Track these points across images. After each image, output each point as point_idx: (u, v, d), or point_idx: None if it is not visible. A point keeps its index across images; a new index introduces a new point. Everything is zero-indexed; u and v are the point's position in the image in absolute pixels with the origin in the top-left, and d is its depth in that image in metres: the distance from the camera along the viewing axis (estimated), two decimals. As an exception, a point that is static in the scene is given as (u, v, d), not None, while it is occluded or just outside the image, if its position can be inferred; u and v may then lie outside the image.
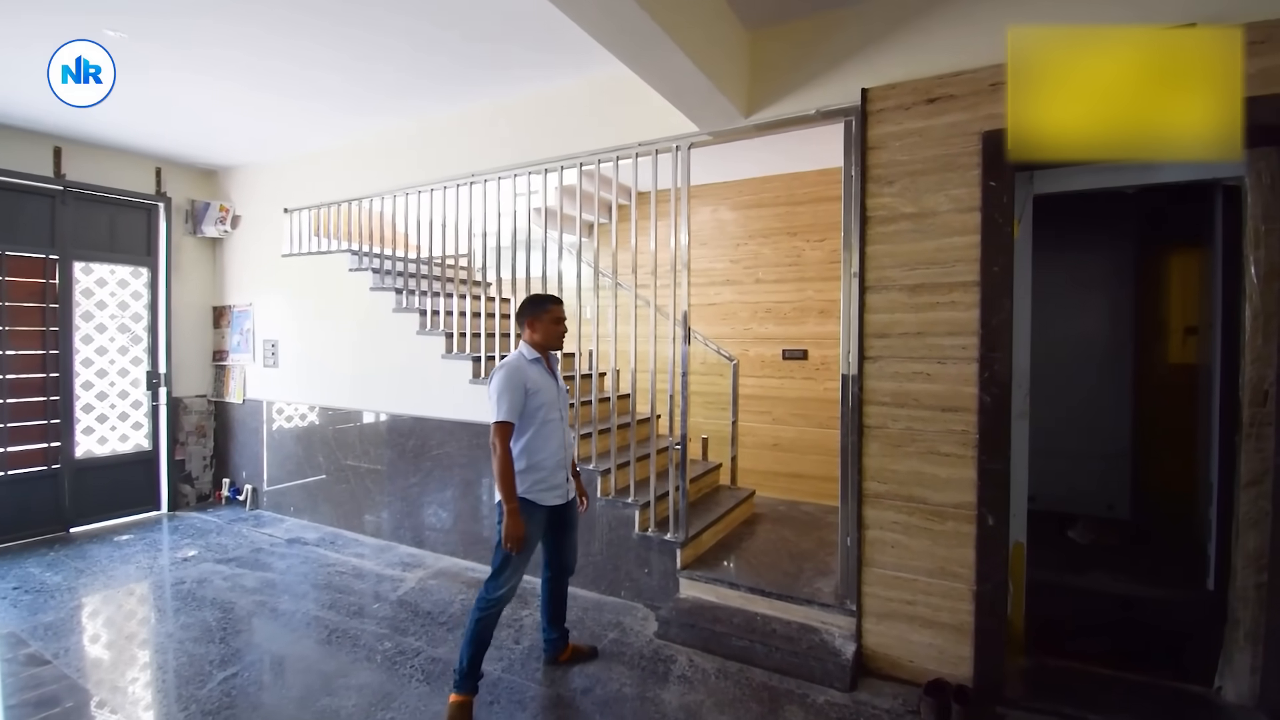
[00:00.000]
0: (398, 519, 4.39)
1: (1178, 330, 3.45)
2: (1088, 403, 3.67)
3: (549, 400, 2.47)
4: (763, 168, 4.53)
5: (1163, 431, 3.47)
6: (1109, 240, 3.63)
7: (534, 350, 2.53)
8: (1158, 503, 3.48)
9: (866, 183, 2.64)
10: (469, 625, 2.40)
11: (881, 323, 2.64)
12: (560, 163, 3.51)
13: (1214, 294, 2.56)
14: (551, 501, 2.49)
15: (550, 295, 2.63)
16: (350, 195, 4.57)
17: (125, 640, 3.09)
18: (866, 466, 2.69)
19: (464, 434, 3.96)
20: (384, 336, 4.35)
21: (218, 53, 3.27)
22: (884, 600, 2.68)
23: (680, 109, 2.83)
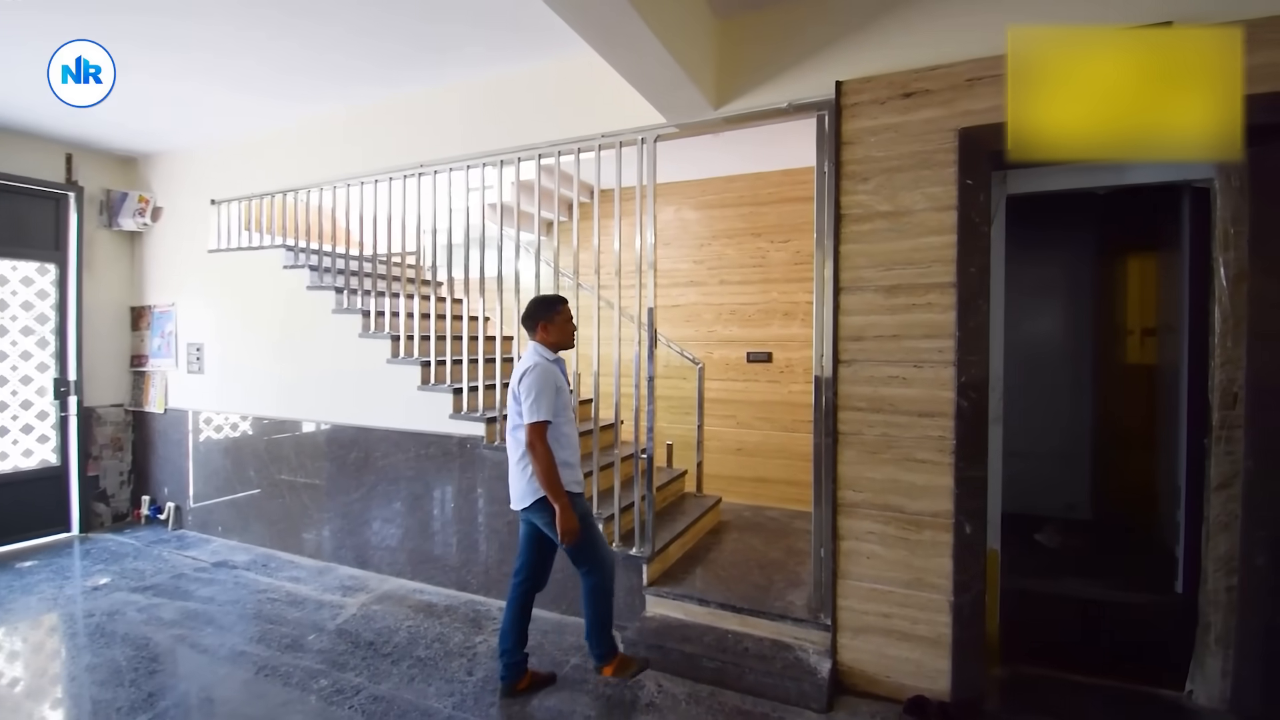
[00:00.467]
0: (338, 538, 4.06)
1: (1136, 332, 3.50)
2: (1047, 403, 3.68)
3: (567, 402, 2.55)
4: (727, 167, 4.42)
5: (1122, 432, 3.50)
6: (1067, 242, 3.66)
7: (551, 351, 2.55)
8: (1118, 503, 3.51)
9: (841, 179, 2.54)
10: (591, 601, 2.50)
11: (857, 325, 2.54)
12: (517, 154, 3.29)
13: (1180, 296, 2.56)
14: (580, 489, 2.56)
15: (557, 296, 2.64)
16: (286, 186, 4.23)
17: (15, 687, 2.70)
18: (841, 474, 2.58)
19: (411, 444, 3.69)
20: (322, 340, 4.02)
21: (135, 22, 2.91)
22: (860, 614, 2.58)
23: (647, 97, 2.66)
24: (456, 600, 3.49)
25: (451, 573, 3.59)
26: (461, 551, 3.56)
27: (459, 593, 3.57)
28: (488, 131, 3.43)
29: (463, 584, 3.56)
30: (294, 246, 4.25)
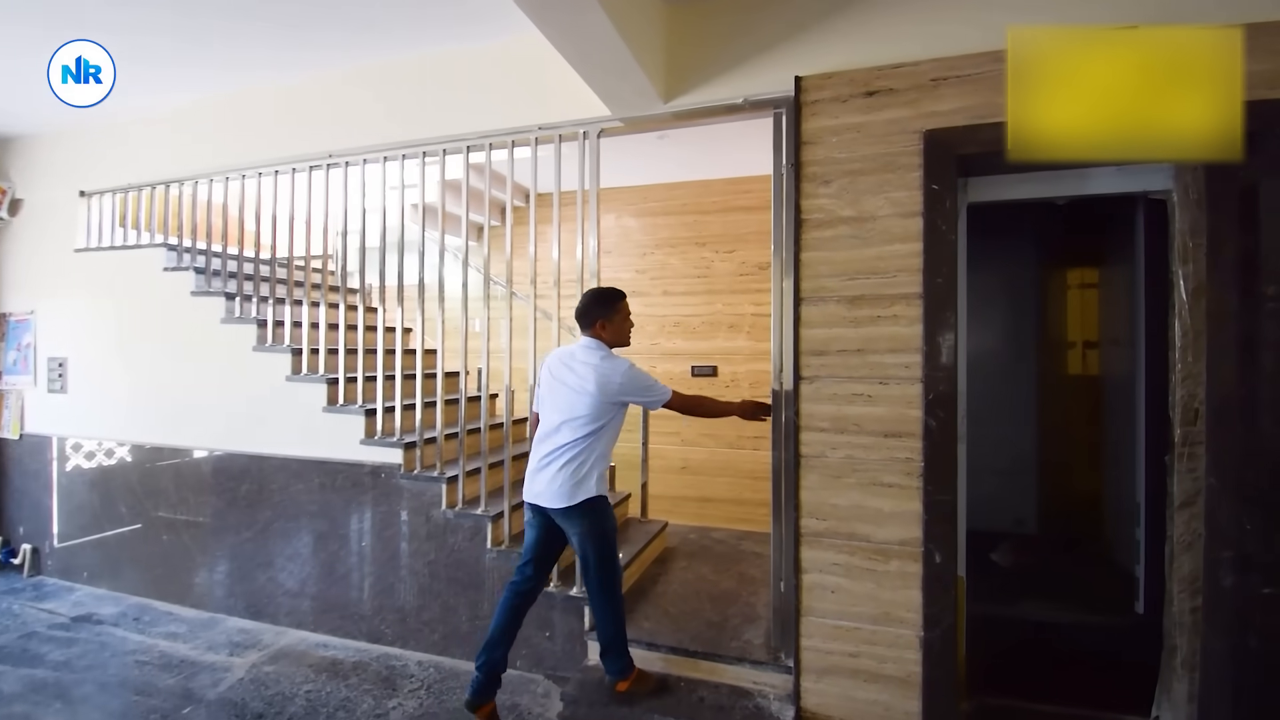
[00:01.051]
0: (227, 584, 3.50)
1: (1078, 345, 3.51)
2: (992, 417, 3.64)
3: None
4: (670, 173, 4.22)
5: (1067, 446, 3.49)
6: (1008, 253, 3.65)
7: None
8: (1065, 517, 3.49)
9: (801, 182, 2.35)
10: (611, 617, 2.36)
11: (819, 339, 2.34)
12: (443, 144, 2.94)
13: (1136, 309, 2.52)
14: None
15: (615, 290, 2.45)
16: (170, 176, 3.67)
17: None
18: (804, 500, 2.37)
19: (315, 474, 3.21)
20: (209, 354, 3.49)
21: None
22: (824, 654, 2.35)
23: (591, 84, 2.40)
24: (367, 655, 3.04)
25: (362, 622, 3.13)
26: (375, 597, 3.11)
27: (371, 645, 3.11)
28: (409, 120, 3.06)
29: (375, 635, 3.11)
30: (177, 246, 3.69)
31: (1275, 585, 2.02)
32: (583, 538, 2.30)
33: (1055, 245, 3.57)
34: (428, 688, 2.75)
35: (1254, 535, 2.08)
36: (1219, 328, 2.19)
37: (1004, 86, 2.14)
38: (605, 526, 2.32)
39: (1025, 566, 3.10)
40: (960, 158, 2.20)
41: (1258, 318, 2.10)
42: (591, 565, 2.32)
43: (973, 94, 2.17)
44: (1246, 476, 2.13)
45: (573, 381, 2.31)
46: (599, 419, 2.28)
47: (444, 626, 2.95)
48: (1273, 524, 2.03)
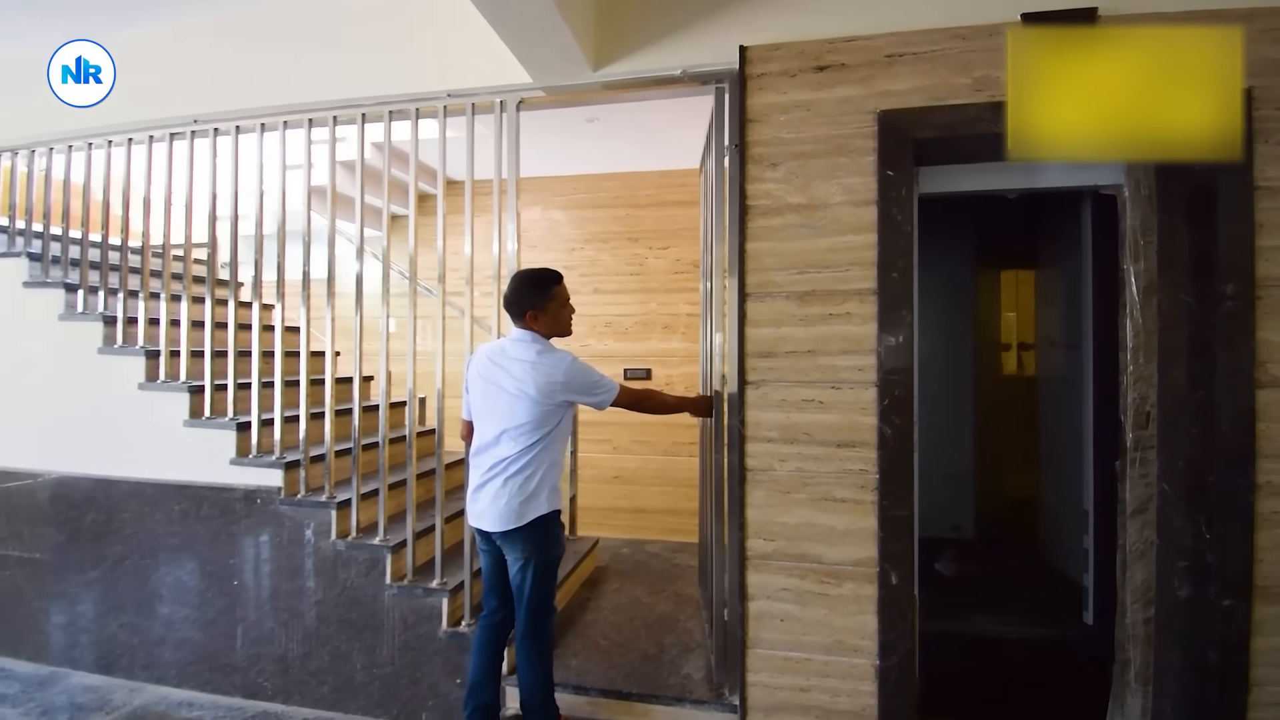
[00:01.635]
0: (70, 633, 2.90)
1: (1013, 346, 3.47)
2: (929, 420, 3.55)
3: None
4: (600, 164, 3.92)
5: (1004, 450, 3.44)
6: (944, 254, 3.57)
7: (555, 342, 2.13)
8: (1001, 522, 3.43)
9: (746, 164, 2.11)
10: (538, 663, 2.02)
11: (766, 339, 2.10)
12: (332, 110, 2.51)
13: (1084, 309, 2.44)
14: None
15: (548, 271, 2.15)
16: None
17: None
18: (750, 520, 2.12)
19: (175, 501, 2.69)
20: (46, 356, 2.89)
21: None
22: (773, 690, 2.12)
23: (511, 46, 2.07)
24: (242, 713, 2.55)
25: (235, 675, 2.64)
26: (250, 645, 2.62)
27: (247, 702, 2.62)
28: (290, 79, 2.61)
29: (252, 689, 2.62)
30: (8, 227, 3.06)
31: (1233, 595, 1.94)
32: (524, 565, 1.97)
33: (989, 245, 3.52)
34: (313, 753, 2.31)
35: (1213, 544, 2.00)
36: (1171, 327, 2.10)
37: (963, 66, 1.99)
38: (551, 554, 2.02)
39: (969, 575, 3.00)
40: (917, 142, 2.02)
41: (1213, 317, 2.02)
42: (525, 599, 1.98)
43: (929, 73, 2.00)
44: (1201, 482, 2.05)
45: (509, 384, 1.98)
46: (545, 425, 1.97)
47: (334, 677, 2.51)
48: (1229, 531, 1.95)
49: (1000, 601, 2.75)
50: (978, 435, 3.52)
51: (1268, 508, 1.91)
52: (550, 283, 2.10)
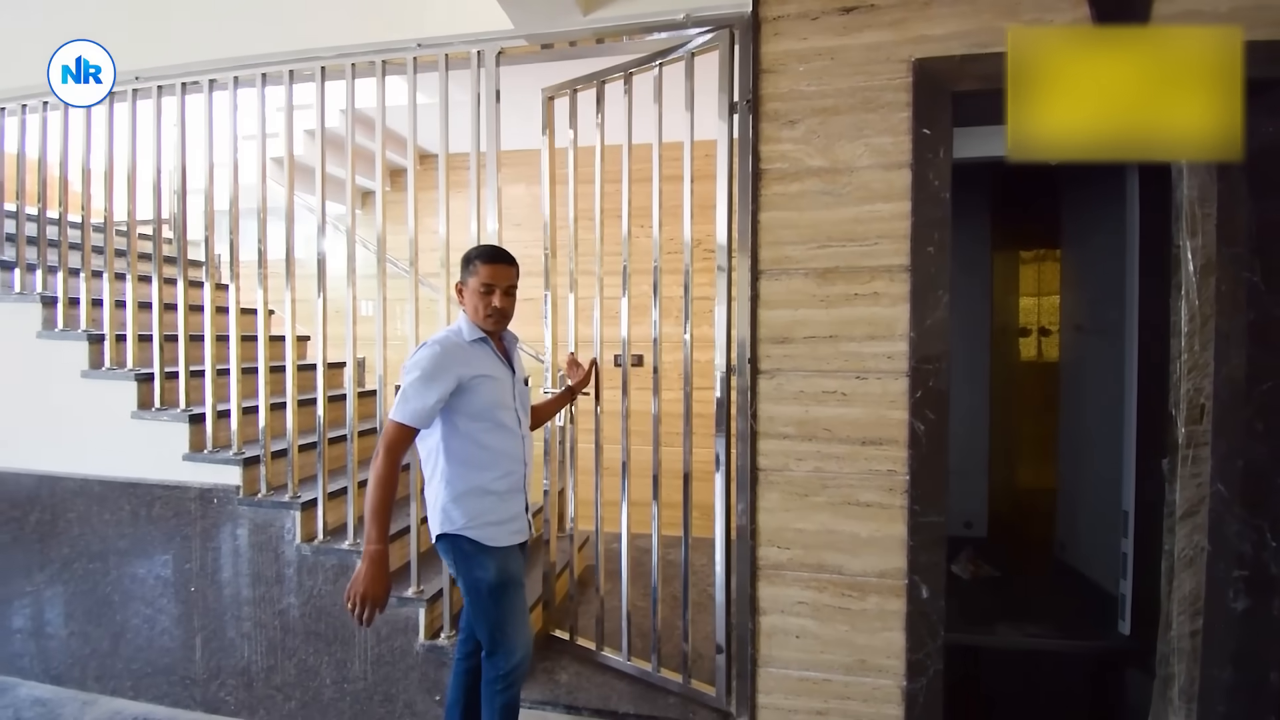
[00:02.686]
0: (15, 641, 2.67)
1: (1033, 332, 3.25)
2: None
3: (497, 398, 1.72)
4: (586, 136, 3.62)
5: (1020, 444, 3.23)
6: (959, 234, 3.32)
7: (475, 327, 1.74)
8: (1014, 519, 3.23)
9: (760, 122, 1.85)
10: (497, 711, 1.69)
11: (781, 322, 1.86)
12: (289, 63, 2.21)
13: (1129, 290, 2.20)
14: (509, 540, 1.74)
15: (490, 248, 1.79)
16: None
17: None
18: (762, 526, 1.90)
19: (124, 500, 2.44)
20: (-22, 341, 2.62)
21: None
22: (786, 712, 1.91)
23: (483, -22, 1.78)
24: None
25: (195, 688, 2.41)
26: (211, 657, 2.39)
27: (208, 716, 2.40)
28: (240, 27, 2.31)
29: (213, 704, 2.39)
30: (-65, 198, 2.76)
31: (1299, 610, 1.74)
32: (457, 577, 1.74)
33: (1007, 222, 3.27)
34: (277, 780, 2.10)
35: (1271, 551, 1.79)
36: (1231, 310, 1.88)
37: (1011, 8, 1.73)
38: (471, 576, 1.70)
39: (985, 578, 2.79)
40: (957, 96, 1.76)
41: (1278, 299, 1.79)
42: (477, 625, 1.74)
43: (972, 15, 1.74)
44: (1261, 483, 1.84)
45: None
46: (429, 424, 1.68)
47: (302, 692, 2.29)
48: (1297, 540, 1.74)
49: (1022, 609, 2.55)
50: (993, 426, 3.30)
51: (1343, 513, 1.70)
52: (473, 258, 1.75)
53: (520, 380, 1.86)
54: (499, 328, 1.76)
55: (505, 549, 1.71)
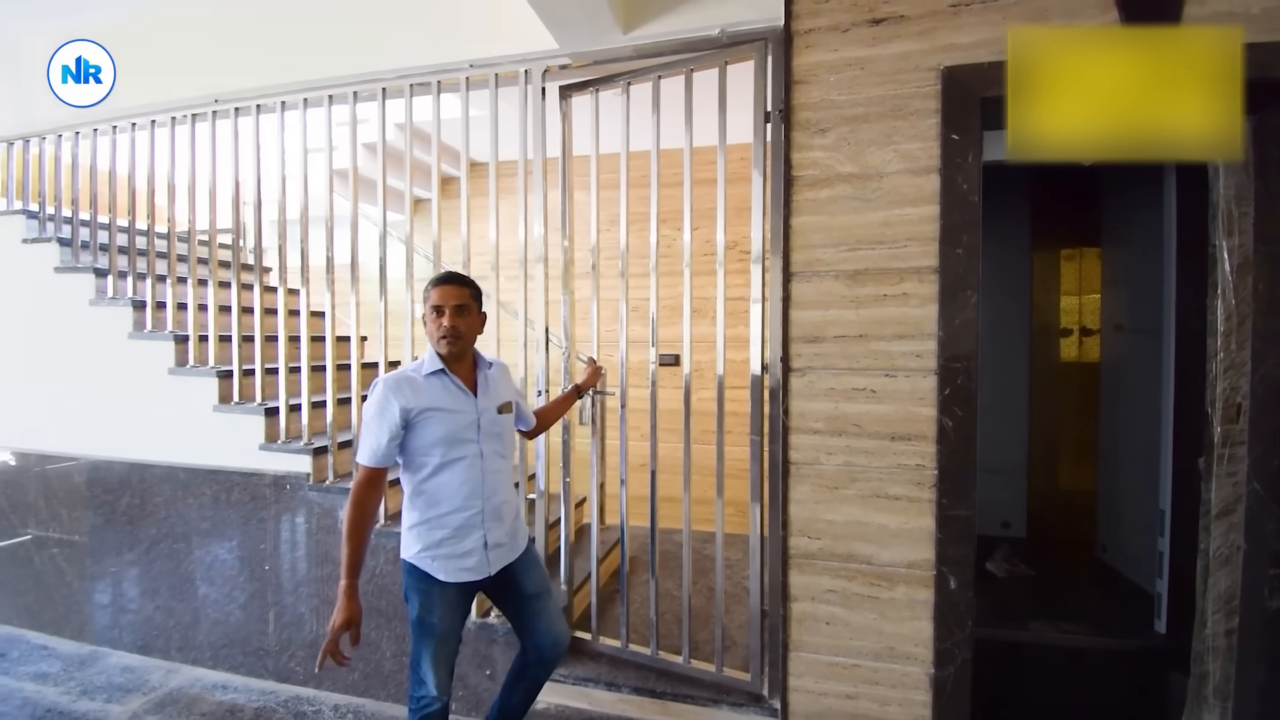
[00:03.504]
0: (109, 613, 2.95)
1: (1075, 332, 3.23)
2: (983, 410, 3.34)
3: (452, 430, 1.68)
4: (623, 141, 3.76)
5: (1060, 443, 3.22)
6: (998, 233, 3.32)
7: (437, 359, 1.72)
8: (1053, 520, 3.23)
9: (792, 131, 1.93)
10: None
11: (812, 322, 1.95)
12: (353, 85, 2.40)
13: (1165, 290, 2.21)
14: (454, 576, 1.70)
15: (442, 274, 1.77)
16: (25, 130, 3.03)
17: None
18: (793, 516, 1.98)
19: (206, 486, 2.68)
20: (78, 341, 2.90)
21: None
22: (816, 695, 1.99)
23: (535, 5, 1.91)
24: (274, 698, 2.55)
25: (268, 659, 2.63)
26: (282, 630, 2.61)
27: (279, 685, 2.62)
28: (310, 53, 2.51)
29: (284, 674, 2.61)
30: (39, 213, 3.06)
31: (1338, 609, 1.73)
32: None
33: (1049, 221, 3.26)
34: (343, 742, 2.29)
35: (1311, 551, 1.79)
36: (1269, 310, 1.88)
37: (1040, 13, 1.78)
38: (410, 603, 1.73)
39: (1021, 576, 2.81)
40: (985, 102, 1.82)
41: (1320, 298, 1.79)
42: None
43: (1000, 24, 1.79)
44: (1302, 482, 1.84)
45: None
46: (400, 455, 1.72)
47: (364, 664, 2.48)
48: (1336, 539, 1.74)
49: (1058, 607, 2.56)
50: (1032, 427, 3.30)
51: (1384, 513, 1.69)
52: (427, 285, 1.75)
53: (493, 409, 1.77)
54: (456, 349, 1.69)
55: (454, 586, 1.70)
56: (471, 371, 1.78)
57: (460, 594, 1.73)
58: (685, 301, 2.27)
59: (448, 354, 1.70)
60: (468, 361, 1.77)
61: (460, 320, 1.69)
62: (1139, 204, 2.57)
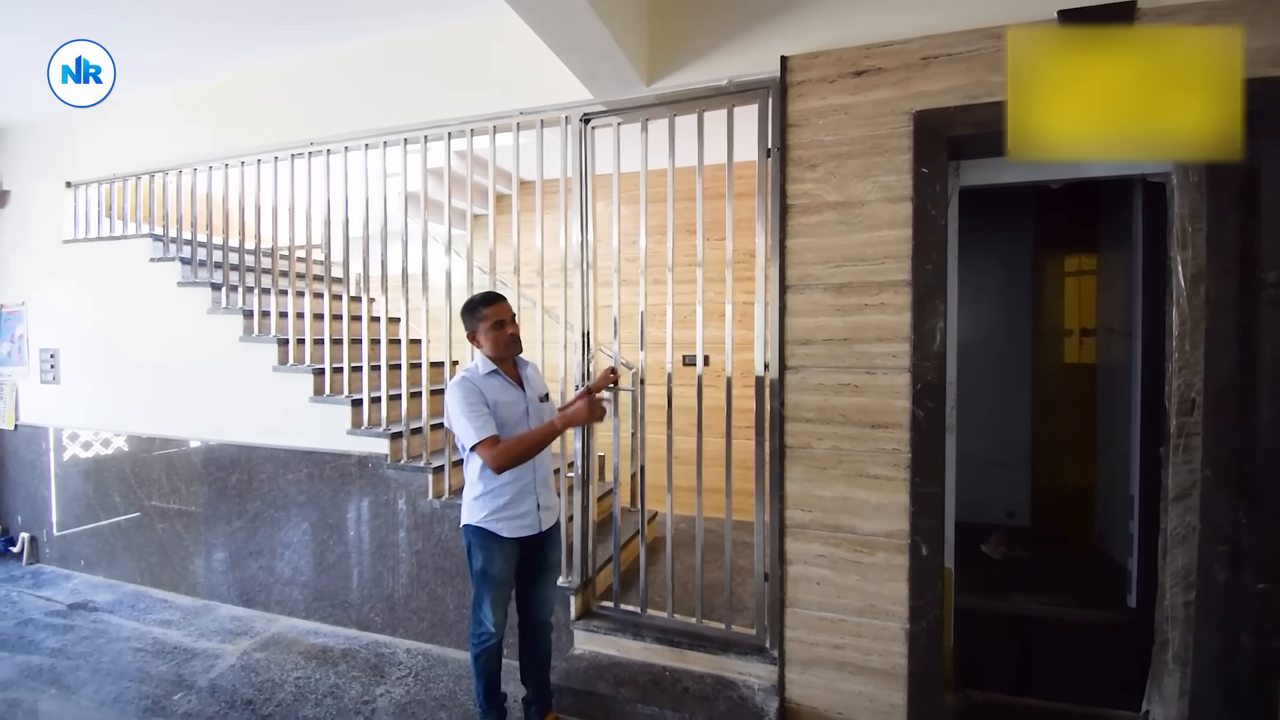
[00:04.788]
0: (219, 573, 3.51)
1: (1075, 333, 3.44)
2: (987, 406, 3.59)
3: (511, 417, 2.12)
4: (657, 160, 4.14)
5: (1060, 437, 3.44)
6: (1005, 241, 3.57)
7: (489, 362, 2.16)
8: (1057, 510, 3.44)
9: (787, 166, 2.28)
10: (471, 664, 2.22)
11: (805, 327, 2.29)
12: (423, 131, 2.88)
13: (1133, 297, 2.45)
14: (514, 533, 2.14)
15: (486, 294, 2.20)
16: (154, 166, 3.63)
17: None
18: (789, 492, 2.33)
19: (303, 465, 3.20)
20: (196, 344, 3.47)
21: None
22: (809, 645, 2.33)
23: (570, 66, 2.32)
24: (357, 642, 3.04)
25: (351, 610, 3.14)
26: (363, 586, 3.11)
27: (360, 633, 3.12)
28: (389, 107, 2.99)
29: (365, 623, 3.11)
30: (163, 236, 3.66)
31: (1271, 580, 1.97)
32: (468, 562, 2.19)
33: (1052, 230, 3.49)
34: (415, 675, 2.75)
35: (1250, 529, 2.03)
36: (1218, 316, 2.12)
37: (998, 64, 2.07)
38: (474, 562, 2.13)
39: (1016, 558, 3.06)
40: (952, 139, 2.13)
41: (1257, 305, 2.02)
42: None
43: (965, 73, 2.10)
44: (1243, 469, 2.07)
45: None
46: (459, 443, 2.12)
47: (431, 615, 2.95)
48: (1269, 518, 1.97)
49: (1046, 584, 2.81)
50: (1035, 422, 3.52)
51: (1309, 494, 1.92)
52: (481, 304, 2.15)
53: (535, 399, 2.21)
54: (519, 351, 2.18)
55: (509, 541, 2.11)
56: (515, 370, 2.22)
57: (515, 548, 2.16)
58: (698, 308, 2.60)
59: (515, 356, 2.18)
60: (512, 361, 2.21)
61: (516, 327, 2.18)
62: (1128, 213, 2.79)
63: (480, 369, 2.14)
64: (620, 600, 2.78)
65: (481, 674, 2.19)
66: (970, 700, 2.44)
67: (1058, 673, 2.55)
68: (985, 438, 3.55)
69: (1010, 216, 3.48)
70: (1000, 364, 3.61)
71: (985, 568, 2.99)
